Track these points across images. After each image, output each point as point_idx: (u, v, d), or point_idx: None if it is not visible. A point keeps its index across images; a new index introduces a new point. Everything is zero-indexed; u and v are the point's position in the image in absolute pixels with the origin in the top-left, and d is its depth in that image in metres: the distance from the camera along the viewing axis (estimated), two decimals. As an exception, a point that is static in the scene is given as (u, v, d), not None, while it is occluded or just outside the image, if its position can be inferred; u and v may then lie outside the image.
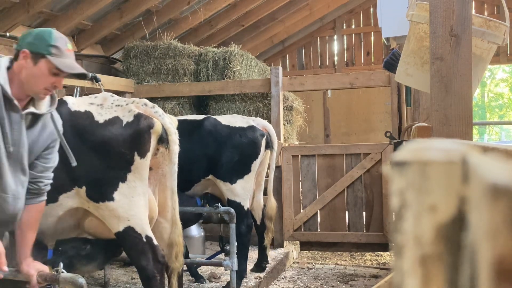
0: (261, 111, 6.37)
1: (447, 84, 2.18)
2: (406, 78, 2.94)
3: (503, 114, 21.28)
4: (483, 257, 0.39)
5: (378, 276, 5.27)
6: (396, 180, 0.50)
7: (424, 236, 0.48)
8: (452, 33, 2.15)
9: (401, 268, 0.49)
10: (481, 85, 19.23)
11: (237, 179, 4.57)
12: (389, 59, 4.06)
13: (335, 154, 5.94)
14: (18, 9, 5.18)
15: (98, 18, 6.33)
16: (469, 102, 2.19)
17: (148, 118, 3.01)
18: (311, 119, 9.34)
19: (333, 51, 10.73)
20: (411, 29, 2.85)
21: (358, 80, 6.02)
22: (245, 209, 4.61)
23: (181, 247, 3.19)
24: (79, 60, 6.46)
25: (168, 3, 6.82)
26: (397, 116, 5.94)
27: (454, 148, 0.51)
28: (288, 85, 6.24)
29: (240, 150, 4.57)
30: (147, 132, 2.99)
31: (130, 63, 6.69)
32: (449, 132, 2.15)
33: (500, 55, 9.58)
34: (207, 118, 4.71)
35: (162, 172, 3.20)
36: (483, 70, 2.81)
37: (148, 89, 6.56)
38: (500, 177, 0.38)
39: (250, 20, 8.45)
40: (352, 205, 5.89)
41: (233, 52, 6.47)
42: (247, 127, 4.67)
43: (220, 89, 6.36)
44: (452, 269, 0.48)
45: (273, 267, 5.19)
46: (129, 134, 2.95)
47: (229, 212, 4.17)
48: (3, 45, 5.30)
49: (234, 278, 4.09)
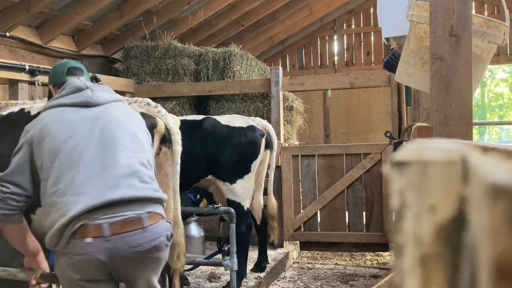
0: (261, 111, 6.37)
1: (447, 84, 2.18)
2: (406, 78, 2.93)
3: (503, 114, 21.28)
4: (483, 257, 0.39)
5: (378, 276, 5.27)
6: (396, 180, 0.50)
7: (424, 236, 0.48)
8: (452, 33, 2.15)
9: (401, 268, 0.49)
10: (481, 85, 19.23)
11: (236, 179, 4.58)
12: (389, 59, 4.06)
13: (335, 154, 5.94)
14: (18, 9, 5.18)
15: (98, 18, 6.33)
16: (469, 102, 2.19)
17: (151, 118, 3.00)
18: (311, 119, 9.34)
19: (333, 51, 10.73)
20: (411, 29, 2.85)
21: (358, 80, 6.02)
22: (245, 209, 4.61)
23: (183, 247, 3.18)
24: (79, 60, 6.46)
25: (168, 3, 6.82)
26: (397, 116, 5.94)
27: (454, 148, 0.51)
28: (288, 85, 6.24)
29: (239, 150, 4.57)
30: (150, 132, 2.99)
31: (130, 63, 6.69)
32: (449, 132, 2.15)
33: (500, 55, 9.58)
34: (207, 118, 4.71)
35: (164, 172, 3.19)
36: (483, 70, 2.81)
37: (148, 89, 6.56)
38: (500, 177, 0.38)
39: (250, 20, 8.45)
40: (352, 205, 5.89)
41: (233, 52, 6.47)
42: (247, 127, 4.67)
43: (220, 89, 6.36)
44: (452, 269, 0.48)
45: (273, 267, 5.19)
46: None
47: (229, 212, 4.17)
48: (3, 45, 5.30)
49: (234, 278, 4.09)
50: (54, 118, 2.36)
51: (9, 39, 5.27)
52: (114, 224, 2.16)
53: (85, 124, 2.34)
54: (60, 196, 2.18)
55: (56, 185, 2.20)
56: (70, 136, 2.28)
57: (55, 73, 2.67)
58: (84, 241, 2.12)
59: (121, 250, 2.16)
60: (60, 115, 2.37)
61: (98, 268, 2.15)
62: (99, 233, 2.13)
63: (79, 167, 2.22)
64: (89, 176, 2.21)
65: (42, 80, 4.91)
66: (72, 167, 2.22)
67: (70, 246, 2.14)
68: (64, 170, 2.21)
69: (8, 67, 4.62)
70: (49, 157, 2.24)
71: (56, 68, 2.69)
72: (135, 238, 2.19)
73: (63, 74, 2.63)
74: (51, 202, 2.21)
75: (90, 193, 2.17)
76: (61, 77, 2.62)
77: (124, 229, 2.17)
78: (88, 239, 2.13)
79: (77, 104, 2.42)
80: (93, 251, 2.12)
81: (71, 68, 2.65)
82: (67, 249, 2.15)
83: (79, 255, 2.13)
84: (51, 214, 2.19)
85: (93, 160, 2.25)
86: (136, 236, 2.19)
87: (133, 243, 2.18)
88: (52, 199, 2.20)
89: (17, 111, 3.18)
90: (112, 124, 2.38)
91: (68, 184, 2.19)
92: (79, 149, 2.26)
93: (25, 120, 3.08)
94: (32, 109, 3.15)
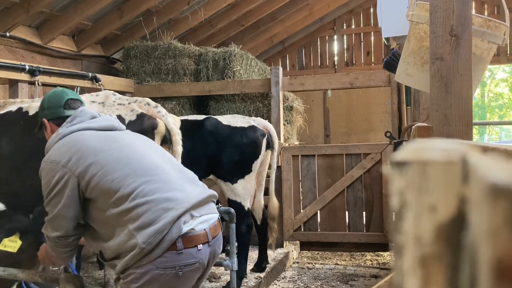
0: (261, 111, 6.37)
1: (447, 84, 2.18)
2: (406, 78, 2.93)
3: (503, 114, 21.28)
4: (483, 257, 0.39)
5: (378, 276, 5.27)
6: (396, 180, 0.50)
7: (424, 236, 0.48)
8: (452, 33, 2.15)
9: (401, 268, 0.49)
10: (481, 85, 19.23)
11: (238, 179, 4.58)
12: (389, 59, 4.06)
13: (335, 154, 5.94)
14: (18, 9, 5.18)
15: (98, 18, 6.33)
16: (469, 102, 2.19)
17: (151, 119, 2.99)
18: (311, 119, 9.34)
19: (333, 51, 10.73)
20: (411, 29, 2.85)
21: (358, 80, 6.02)
22: (246, 209, 4.61)
23: None
24: (79, 60, 6.46)
25: (168, 3, 6.81)
26: (397, 116, 5.94)
27: (454, 148, 0.51)
28: (288, 85, 6.24)
29: (241, 150, 4.58)
30: (150, 133, 2.97)
31: (130, 63, 6.69)
32: (449, 132, 2.15)
33: (500, 55, 9.58)
34: (208, 118, 4.71)
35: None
36: (483, 70, 2.81)
37: (148, 89, 6.56)
38: (500, 177, 0.38)
39: (250, 20, 8.45)
40: (352, 205, 5.89)
41: (233, 52, 6.47)
42: (248, 127, 4.67)
43: (220, 89, 6.35)
44: (452, 269, 0.48)
45: (273, 267, 5.19)
46: None
47: (229, 212, 4.17)
48: (3, 45, 5.30)
49: (234, 278, 4.09)
50: (88, 138, 2.22)
51: (9, 39, 5.26)
52: (212, 228, 2.18)
53: (119, 140, 2.27)
54: (148, 195, 2.07)
55: (134, 189, 2.08)
56: (116, 148, 2.20)
57: (50, 105, 2.41)
58: (197, 248, 2.08)
59: (216, 253, 2.23)
60: (92, 134, 2.26)
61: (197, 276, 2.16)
62: (205, 239, 2.12)
63: (156, 171, 2.15)
64: (171, 177, 2.17)
65: (42, 80, 4.91)
66: (146, 170, 2.14)
67: (179, 256, 2.04)
68: (135, 172, 2.12)
69: (8, 67, 4.62)
70: (103, 171, 2.11)
71: (51, 100, 2.42)
72: (220, 239, 2.28)
73: (60, 108, 2.39)
74: (125, 209, 2.06)
75: (186, 190, 2.15)
76: (58, 110, 2.39)
77: (217, 232, 2.23)
78: (200, 246, 2.09)
79: (103, 128, 2.31)
80: (203, 258, 2.11)
81: (70, 101, 2.41)
82: (172, 259, 2.03)
83: (191, 264, 2.06)
84: (132, 220, 2.04)
85: (158, 164, 2.21)
86: (220, 238, 2.28)
87: (220, 245, 2.27)
88: (127, 205, 2.06)
89: (15, 110, 3.17)
90: (140, 143, 2.36)
91: (154, 182, 2.10)
92: (138, 155, 2.19)
93: (23, 120, 3.07)
94: (30, 109, 3.13)
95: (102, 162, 2.12)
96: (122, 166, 2.12)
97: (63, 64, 6.06)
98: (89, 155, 2.13)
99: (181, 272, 2.03)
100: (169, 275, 2.02)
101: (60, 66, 5.90)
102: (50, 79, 5.08)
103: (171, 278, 2.02)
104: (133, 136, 2.39)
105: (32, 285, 3.01)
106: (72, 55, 6.27)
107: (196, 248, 2.07)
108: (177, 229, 2.02)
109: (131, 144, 2.27)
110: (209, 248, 2.15)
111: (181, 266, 2.03)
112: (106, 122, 2.35)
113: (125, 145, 2.23)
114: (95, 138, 2.23)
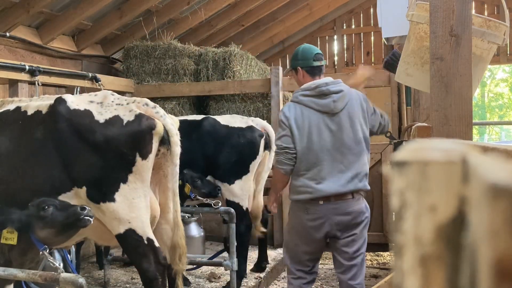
0: (261, 111, 6.37)
1: (447, 84, 2.18)
2: (406, 78, 2.94)
3: (503, 114, 21.27)
4: (483, 257, 0.39)
5: (378, 276, 5.27)
6: (396, 180, 0.50)
7: (424, 236, 0.48)
8: (452, 33, 2.15)
9: (401, 268, 0.49)
10: (481, 85, 19.23)
11: (235, 180, 4.56)
12: (389, 59, 4.05)
13: (335, 154, 5.92)
14: (18, 9, 5.18)
15: (98, 18, 6.33)
16: (469, 102, 2.19)
17: (149, 119, 2.98)
18: (311, 119, 9.32)
19: (333, 51, 10.73)
20: (411, 29, 2.86)
21: (358, 80, 6.01)
22: (244, 209, 4.60)
23: (184, 249, 3.16)
24: (79, 60, 6.46)
25: (168, 3, 6.81)
26: (397, 116, 5.94)
27: (454, 148, 0.51)
28: (288, 85, 6.23)
29: (238, 151, 4.56)
30: (148, 133, 2.95)
31: (130, 63, 6.69)
32: (449, 132, 2.15)
33: (500, 55, 9.57)
34: (206, 118, 4.70)
35: (163, 173, 3.17)
36: (483, 70, 2.81)
37: (148, 89, 6.56)
38: (500, 177, 0.38)
39: (250, 20, 8.45)
40: (352, 205, 5.87)
41: (233, 52, 6.46)
42: (246, 128, 4.66)
43: (220, 89, 6.35)
44: (452, 269, 0.48)
45: (273, 267, 5.19)
46: (130, 134, 2.92)
47: (229, 212, 4.17)
48: (3, 45, 5.30)
49: (234, 278, 4.09)
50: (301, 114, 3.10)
51: (9, 39, 5.26)
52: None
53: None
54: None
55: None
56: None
57: (304, 56, 3.19)
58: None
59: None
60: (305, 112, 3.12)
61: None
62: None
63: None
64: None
65: (42, 80, 4.91)
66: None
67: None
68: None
69: (8, 67, 4.62)
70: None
71: (304, 52, 3.21)
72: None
73: (311, 59, 3.17)
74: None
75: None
76: (310, 61, 3.17)
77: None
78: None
79: (321, 111, 3.08)
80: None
81: (318, 55, 3.21)
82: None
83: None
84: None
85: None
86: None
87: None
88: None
89: (13, 110, 3.15)
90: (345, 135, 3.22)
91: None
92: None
93: (21, 119, 3.06)
94: (29, 108, 3.11)
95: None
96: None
97: (63, 64, 6.05)
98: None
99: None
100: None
101: (60, 66, 5.90)
102: (50, 79, 5.07)
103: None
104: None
105: (32, 285, 3.01)
106: (72, 55, 6.27)
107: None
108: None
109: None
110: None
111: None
112: (326, 109, 3.20)
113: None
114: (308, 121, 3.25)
